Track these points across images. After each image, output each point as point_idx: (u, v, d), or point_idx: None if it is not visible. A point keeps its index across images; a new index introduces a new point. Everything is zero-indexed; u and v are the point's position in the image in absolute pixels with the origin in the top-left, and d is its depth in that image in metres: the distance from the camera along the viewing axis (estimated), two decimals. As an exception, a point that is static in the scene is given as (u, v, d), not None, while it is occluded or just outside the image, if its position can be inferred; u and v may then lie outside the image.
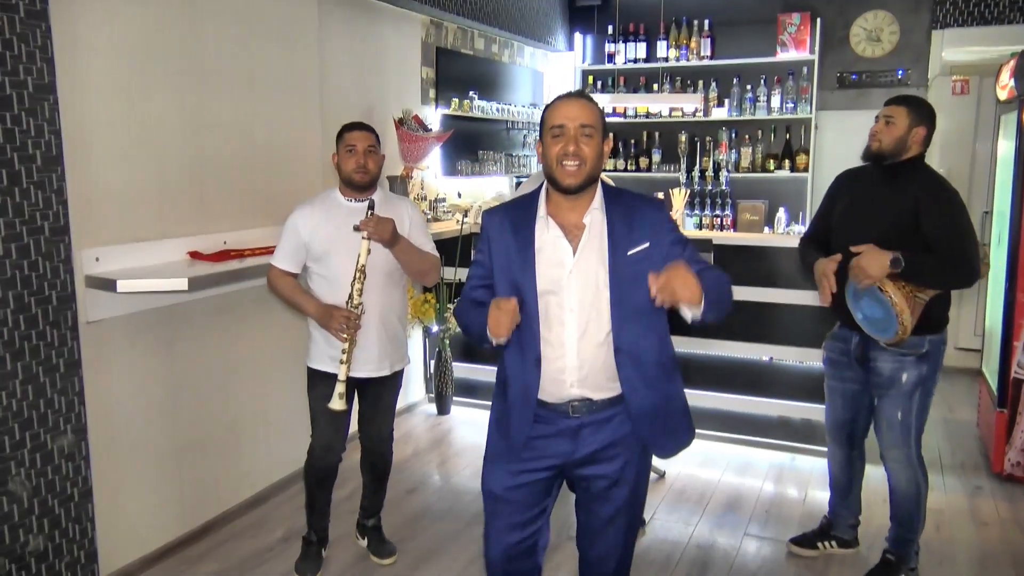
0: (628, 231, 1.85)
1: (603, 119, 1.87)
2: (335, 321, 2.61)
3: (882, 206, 2.64)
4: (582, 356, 1.85)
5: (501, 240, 1.90)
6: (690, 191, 5.50)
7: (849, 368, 2.84)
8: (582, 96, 1.86)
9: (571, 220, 1.86)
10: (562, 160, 1.79)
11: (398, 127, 4.25)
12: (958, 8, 5.24)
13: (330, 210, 2.74)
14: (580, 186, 1.81)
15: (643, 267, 1.80)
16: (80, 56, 2.60)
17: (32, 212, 2.38)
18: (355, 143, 2.70)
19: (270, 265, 2.77)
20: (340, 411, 2.65)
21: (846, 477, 3.00)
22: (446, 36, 4.97)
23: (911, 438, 2.72)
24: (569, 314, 1.84)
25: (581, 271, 1.84)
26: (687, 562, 3.04)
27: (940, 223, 2.52)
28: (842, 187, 2.84)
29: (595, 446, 1.92)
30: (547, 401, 1.90)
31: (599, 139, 1.83)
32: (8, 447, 2.37)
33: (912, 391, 2.69)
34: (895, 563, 2.82)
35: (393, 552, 3.06)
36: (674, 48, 5.92)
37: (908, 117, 2.62)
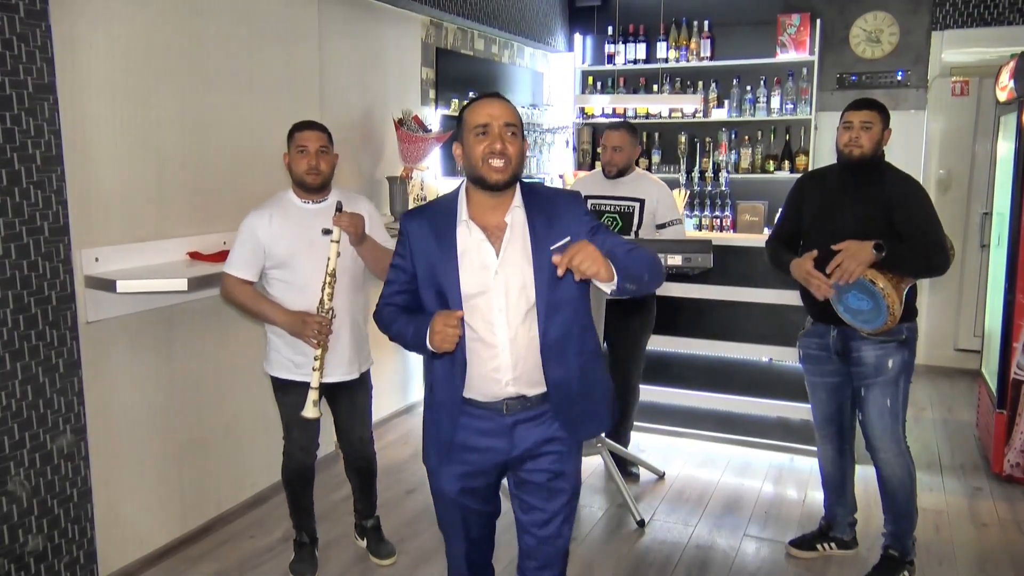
0: (548, 226, 1.87)
1: (522, 121, 1.90)
2: (309, 328, 2.56)
3: (855, 204, 2.71)
4: (516, 354, 1.86)
5: (422, 244, 1.89)
6: (690, 192, 5.50)
7: (828, 361, 2.88)
8: (501, 96, 1.89)
9: (492, 221, 1.87)
10: (488, 158, 1.80)
11: (398, 127, 4.25)
12: (958, 9, 5.25)
13: (288, 213, 2.66)
14: (507, 183, 1.83)
15: None
16: (80, 56, 2.60)
17: (32, 212, 2.38)
18: (306, 143, 2.64)
19: (223, 274, 2.65)
20: (313, 419, 2.63)
21: (839, 472, 3.01)
22: (446, 36, 4.97)
23: (899, 425, 2.78)
24: (499, 314, 1.84)
25: (506, 271, 1.84)
26: (686, 563, 3.04)
27: (914, 214, 2.63)
28: (807, 189, 2.91)
29: (531, 441, 1.93)
30: (480, 400, 1.91)
31: (521, 138, 1.86)
32: (7, 447, 2.37)
33: (898, 377, 2.74)
34: (898, 558, 2.83)
35: (392, 553, 3.06)
36: (674, 49, 5.92)
37: (881, 120, 2.71)
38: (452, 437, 1.94)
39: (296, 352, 2.68)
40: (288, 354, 2.71)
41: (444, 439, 1.95)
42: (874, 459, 2.83)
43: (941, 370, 5.62)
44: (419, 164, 4.44)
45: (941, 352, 5.71)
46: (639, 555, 3.09)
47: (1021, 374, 3.67)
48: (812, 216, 2.83)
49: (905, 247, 2.59)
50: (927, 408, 4.87)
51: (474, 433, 1.93)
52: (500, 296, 1.84)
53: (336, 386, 2.76)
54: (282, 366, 2.74)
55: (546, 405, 1.93)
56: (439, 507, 2.06)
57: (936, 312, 5.70)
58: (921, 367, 5.61)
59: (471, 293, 1.85)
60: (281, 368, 2.74)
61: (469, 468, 1.96)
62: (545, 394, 1.92)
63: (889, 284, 2.54)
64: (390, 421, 4.53)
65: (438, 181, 4.91)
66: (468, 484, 1.98)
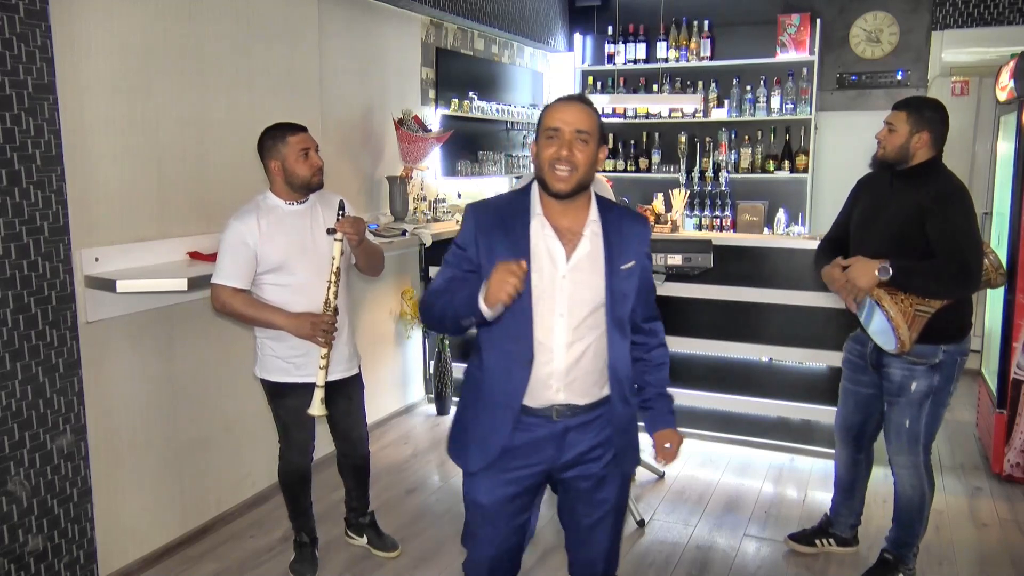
0: (620, 246, 1.86)
1: (601, 125, 1.84)
2: (316, 329, 2.55)
3: (890, 212, 2.61)
4: (570, 362, 1.83)
5: (491, 234, 1.82)
6: (690, 192, 5.50)
7: (865, 372, 2.82)
8: (582, 100, 1.83)
9: (563, 224, 1.83)
10: (554, 164, 1.76)
11: (398, 127, 4.25)
12: (958, 9, 5.25)
13: (276, 217, 2.63)
14: (570, 192, 1.78)
15: (628, 283, 1.87)
16: (80, 56, 2.60)
17: (31, 212, 2.38)
18: (307, 145, 2.63)
19: (214, 285, 2.57)
20: (321, 416, 2.64)
21: (850, 478, 3.00)
22: (446, 36, 4.97)
23: (918, 446, 2.70)
24: (559, 319, 1.81)
25: (575, 277, 1.82)
26: (687, 562, 3.04)
27: (942, 228, 2.47)
28: (859, 193, 2.82)
29: (581, 448, 1.90)
30: (529, 406, 1.86)
31: (594, 146, 1.80)
32: (7, 447, 2.37)
33: (921, 400, 2.65)
34: (892, 563, 2.82)
35: (396, 545, 3.07)
36: (674, 49, 5.92)
37: (908, 123, 2.57)
38: (508, 443, 1.86)
39: (296, 353, 2.67)
40: (287, 356, 2.69)
41: (496, 444, 1.86)
42: (891, 469, 2.80)
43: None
44: (419, 164, 4.44)
45: (941, 352, 5.70)
46: (639, 555, 3.09)
47: (1021, 374, 3.67)
48: (857, 219, 2.74)
49: (916, 266, 2.46)
50: (927, 408, 4.86)
51: (525, 441, 1.88)
52: (563, 300, 1.81)
53: (334, 384, 2.75)
54: (279, 369, 2.71)
55: (598, 411, 1.90)
56: (472, 515, 1.97)
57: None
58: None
59: (537, 290, 1.80)
60: (278, 372, 2.71)
61: (514, 476, 1.90)
62: (596, 402, 1.89)
63: (897, 308, 2.43)
64: (390, 421, 4.53)
65: (438, 181, 4.92)
66: (510, 492, 1.91)
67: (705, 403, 4.25)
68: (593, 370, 1.87)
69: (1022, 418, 3.68)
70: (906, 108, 2.60)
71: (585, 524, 1.98)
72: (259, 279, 2.64)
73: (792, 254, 3.98)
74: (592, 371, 1.87)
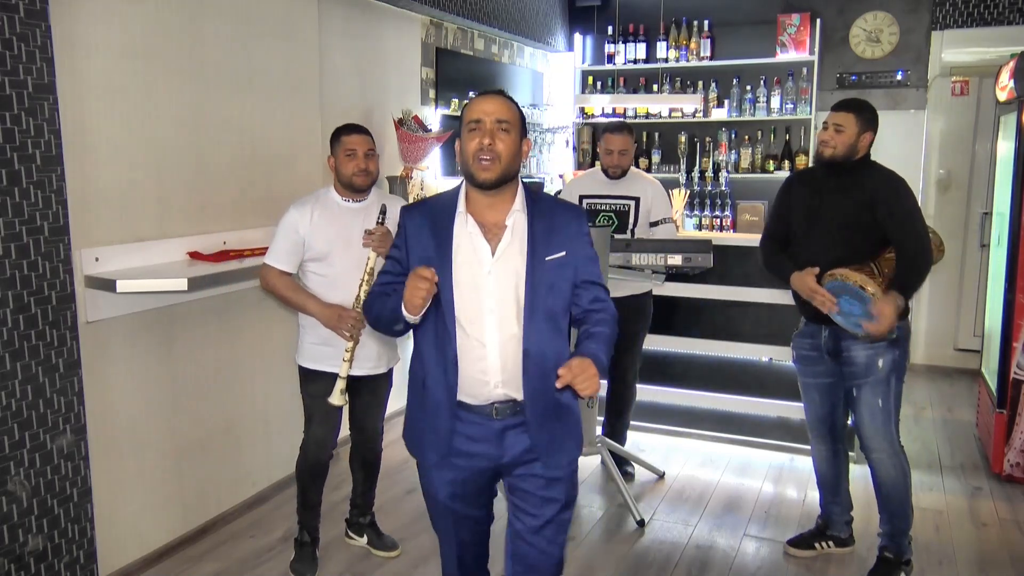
0: (548, 237, 1.85)
1: (522, 118, 1.87)
2: (344, 323, 2.65)
3: (835, 205, 2.74)
4: (504, 355, 1.83)
5: (419, 237, 1.87)
6: (689, 192, 5.50)
7: (820, 362, 2.89)
8: (501, 93, 1.87)
9: (489, 219, 1.85)
10: (478, 155, 1.78)
11: (398, 127, 4.25)
12: (957, 9, 5.25)
13: (329, 210, 2.76)
14: (495, 181, 1.80)
15: (557, 274, 1.85)
16: (80, 56, 2.60)
17: (31, 212, 2.38)
18: (355, 147, 2.73)
19: (265, 264, 2.76)
20: (339, 406, 2.71)
21: (833, 472, 3.03)
22: (446, 36, 4.97)
23: (891, 425, 2.78)
24: (489, 314, 1.82)
25: (500, 271, 1.83)
26: (686, 562, 3.04)
27: (895, 213, 2.66)
28: (795, 188, 2.92)
29: (520, 448, 1.90)
30: (469, 403, 1.88)
31: (516, 136, 1.82)
32: (7, 447, 2.37)
33: (888, 376, 2.75)
34: (894, 560, 2.83)
35: (396, 545, 3.08)
36: (674, 49, 5.92)
37: (856, 124, 2.72)
38: (451, 439, 1.90)
39: (325, 343, 2.75)
40: (318, 344, 2.78)
41: (443, 440, 1.91)
42: (868, 459, 2.83)
43: (941, 370, 5.62)
44: (419, 164, 4.44)
45: (941, 352, 5.72)
46: (639, 555, 3.09)
47: (1021, 374, 3.68)
48: (800, 216, 2.85)
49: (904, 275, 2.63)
50: (927, 408, 4.87)
51: (464, 438, 1.90)
52: (491, 295, 1.82)
53: (360, 379, 2.83)
54: (311, 356, 2.81)
55: None
56: (430, 507, 2.04)
57: (936, 312, 5.70)
58: (921, 367, 5.62)
59: (462, 288, 1.83)
60: (310, 358, 2.81)
61: (459, 475, 1.93)
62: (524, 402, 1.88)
63: (880, 289, 2.57)
64: (390, 421, 4.50)
65: (438, 181, 4.91)
66: (458, 490, 1.94)
67: (705, 403, 4.25)
68: None
69: (1022, 418, 3.68)
70: (853, 110, 2.74)
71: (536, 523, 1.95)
72: (304, 266, 2.77)
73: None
74: None
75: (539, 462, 1.91)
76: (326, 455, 2.90)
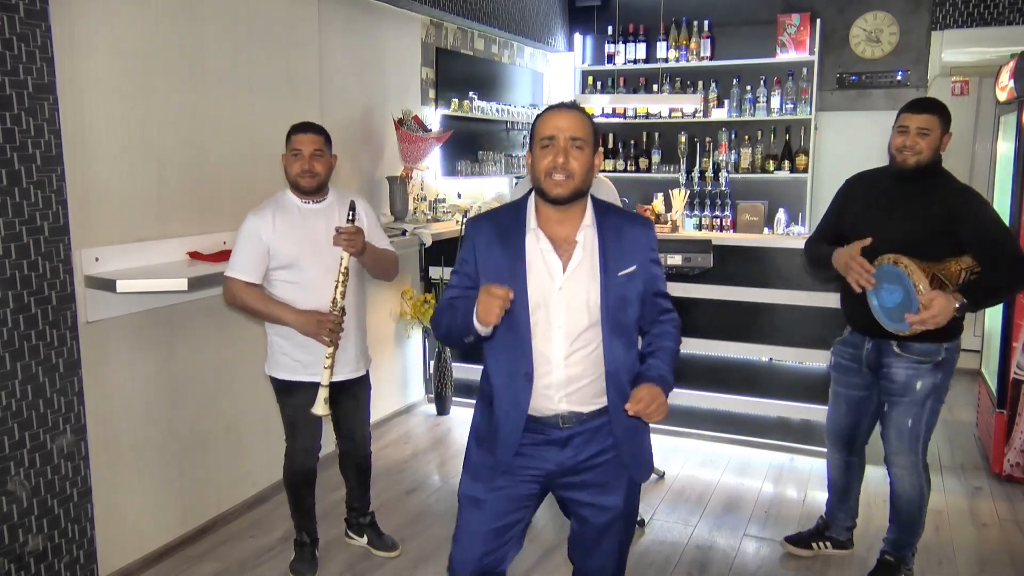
0: (619, 251, 1.84)
1: (595, 131, 1.84)
2: (324, 327, 2.57)
3: (909, 213, 2.56)
4: (570, 372, 1.83)
5: (488, 250, 1.85)
6: (690, 192, 5.50)
7: (858, 374, 2.80)
8: (575, 107, 1.83)
9: (560, 234, 1.84)
10: (551, 172, 1.77)
11: (398, 127, 4.25)
12: (958, 9, 5.25)
13: (290, 214, 2.67)
14: (568, 198, 1.79)
15: (629, 288, 1.84)
16: (80, 56, 2.60)
17: (32, 212, 2.38)
18: (300, 147, 2.64)
19: (227, 278, 2.63)
20: (324, 416, 2.65)
21: (844, 481, 3.00)
22: (446, 36, 4.97)
23: (919, 445, 2.69)
24: (557, 330, 1.82)
25: (571, 288, 1.82)
26: (686, 562, 3.04)
27: (984, 230, 2.47)
28: (854, 192, 2.77)
29: (585, 454, 1.90)
30: (534, 415, 1.88)
31: (590, 151, 1.80)
32: (7, 447, 2.37)
33: (925, 399, 2.64)
34: (894, 564, 2.82)
35: (396, 545, 3.08)
36: (674, 49, 5.92)
37: (940, 125, 2.54)
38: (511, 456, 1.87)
39: (304, 352, 2.68)
40: (295, 354, 2.70)
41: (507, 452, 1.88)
42: (888, 469, 2.79)
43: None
44: (419, 164, 4.44)
45: (941, 352, 5.70)
46: (639, 555, 3.09)
47: (1021, 374, 3.67)
48: (854, 222, 2.68)
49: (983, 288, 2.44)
50: (927, 408, 4.86)
51: (530, 444, 1.89)
52: (560, 311, 1.81)
53: (341, 384, 2.77)
54: (287, 367, 2.73)
55: (603, 418, 1.89)
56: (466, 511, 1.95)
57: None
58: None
59: (535, 303, 1.82)
60: (286, 370, 2.73)
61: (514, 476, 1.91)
62: (601, 409, 1.88)
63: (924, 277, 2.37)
64: (390, 421, 4.53)
65: (438, 181, 4.92)
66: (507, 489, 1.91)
67: (705, 403, 4.25)
68: (595, 379, 1.86)
69: (1022, 418, 3.68)
70: (937, 111, 2.56)
71: (592, 531, 1.96)
72: (271, 275, 2.67)
73: (792, 254, 3.98)
74: (594, 380, 1.86)
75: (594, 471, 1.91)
76: (313, 461, 2.88)
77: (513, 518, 1.94)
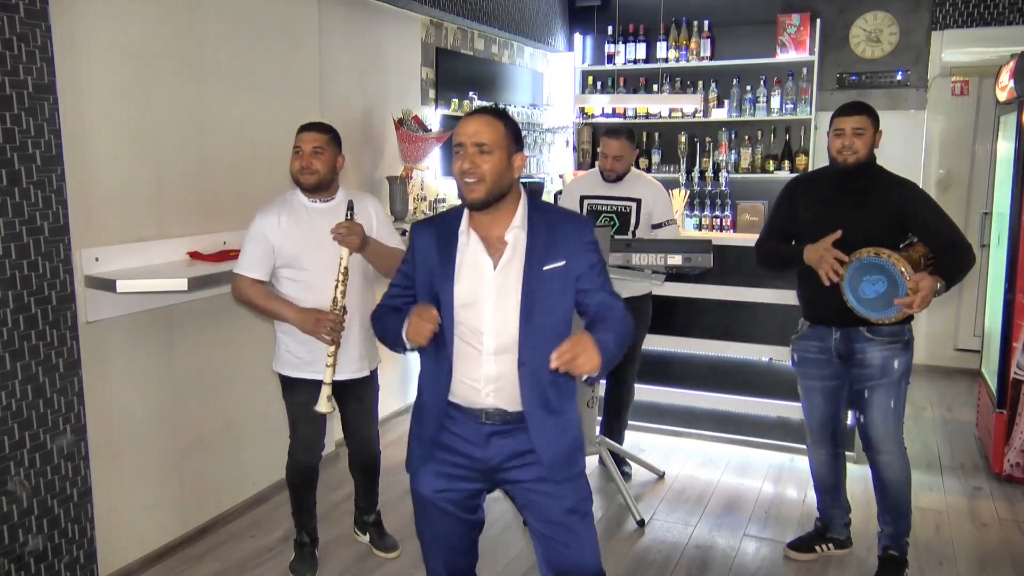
0: (547, 247, 1.86)
1: (509, 134, 1.85)
2: (323, 325, 2.60)
3: (859, 211, 2.69)
4: (498, 368, 1.87)
5: (425, 252, 1.92)
6: (689, 192, 5.50)
7: (828, 364, 2.85)
8: (486, 112, 1.87)
9: (493, 234, 1.88)
10: (463, 177, 1.82)
11: (398, 127, 4.25)
12: (957, 9, 5.25)
13: (296, 213, 2.69)
14: (483, 201, 1.82)
15: (556, 284, 1.86)
16: (80, 56, 2.60)
17: (32, 212, 2.38)
18: (300, 144, 2.67)
19: (236, 275, 2.68)
20: (326, 413, 2.67)
21: (834, 476, 3.01)
22: (446, 36, 4.97)
23: (900, 425, 2.79)
24: (487, 326, 1.86)
25: (499, 285, 1.85)
26: (686, 562, 3.04)
27: (930, 220, 2.66)
28: (799, 193, 2.86)
29: (506, 453, 1.91)
30: (460, 404, 1.92)
31: (501, 155, 1.82)
32: (7, 447, 2.37)
33: (901, 378, 2.75)
34: (899, 558, 2.84)
35: (396, 546, 3.08)
36: (674, 49, 5.92)
37: (872, 124, 2.69)
38: (435, 437, 1.94)
39: (306, 349, 2.71)
40: (298, 352, 2.73)
41: (427, 439, 1.95)
42: (874, 460, 2.82)
43: (941, 370, 5.62)
44: (419, 164, 4.44)
45: (941, 352, 5.71)
46: (639, 555, 3.09)
47: (1021, 374, 3.68)
48: (811, 224, 2.77)
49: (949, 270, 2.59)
50: (927, 408, 4.87)
51: (453, 436, 1.93)
52: (490, 309, 1.85)
53: (345, 384, 2.78)
54: (290, 364, 2.76)
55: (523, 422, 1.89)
56: (418, 512, 2.03)
57: (936, 312, 5.69)
58: (921, 367, 5.62)
59: (464, 302, 1.86)
60: (289, 366, 2.77)
61: (446, 469, 1.95)
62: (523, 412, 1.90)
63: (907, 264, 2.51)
64: (390, 421, 4.53)
65: (438, 181, 4.92)
66: (446, 485, 1.95)
67: (705, 403, 4.25)
68: None
69: (1022, 418, 3.68)
70: (867, 111, 2.71)
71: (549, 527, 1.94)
72: (277, 272, 2.71)
73: (792, 254, 3.97)
74: None
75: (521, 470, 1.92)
76: (315, 458, 2.88)
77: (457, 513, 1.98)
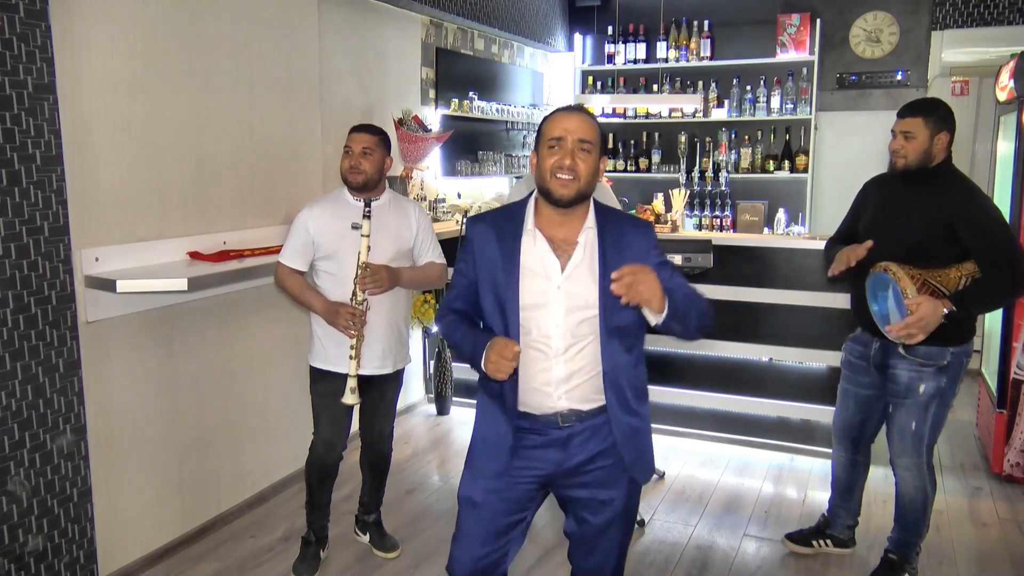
0: (618, 253, 1.85)
1: (601, 136, 1.86)
2: (341, 318, 2.68)
3: (912, 215, 2.57)
4: (569, 369, 1.85)
5: (486, 250, 1.88)
6: (690, 192, 5.51)
7: (866, 373, 2.81)
8: (583, 110, 1.86)
9: (559, 235, 1.86)
10: (556, 172, 1.78)
11: (398, 127, 4.25)
12: (958, 9, 5.25)
13: (339, 209, 2.79)
14: (572, 200, 1.80)
15: None
16: (80, 56, 2.60)
17: (32, 212, 2.38)
18: (351, 144, 2.76)
19: (278, 262, 2.81)
20: (351, 405, 2.73)
21: (848, 479, 3.00)
22: (446, 36, 4.97)
23: (923, 447, 2.69)
24: (555, 328, 1.83)
25: (569, 287, 1.83)
26: (686, 562, 3.04)
27: (980, 236, 2.46)
28: (868, 194, 2.80)
29: (586, 454, 1.90)
30: (533, 413, 1.89)
31: (596, 155, 1.82)
32: (7, 447, 2.37)
33: (928, 402, 2.64)
34: (898, 563, 2.82)
35: (396, 546, 3.09)
36: (674, 49, 5.92)
37: (926, 127, 2.53)
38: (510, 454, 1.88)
39: (334, 344, 2.78)
40: (326, 343, 2.81)
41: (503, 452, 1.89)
42: (893, 470, 2.79)
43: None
44: (419, 164, 4.45)
45: (941, 352, 5.70)
46: (639, 555, 3.09)
47: (1021, 374, 3.68)
48: (867, 222, 2.71)
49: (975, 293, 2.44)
50: (927, 408, 4.86)
51: (530, 445, 1.90)
52: (559, 311, 1.83)
53: (369, 379, 2.83)
54: (319, 356, 2.84)
55: (602, 417, 1.89)
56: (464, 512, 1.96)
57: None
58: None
59: (530, 303, 1.83)
60: (318, 358, 2.85)
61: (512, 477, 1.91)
62: (601, 407, 1.89)
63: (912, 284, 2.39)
64: (390, 421, 4.53)
65: (438, 181, 4.92)
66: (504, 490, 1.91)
67: (705, 403, 4.25)
68: (593, 376, 1.87)
69: (1022, 418, 3.68)
70: (921, 112, 2.55)
71: (591, 531, 1.96)
72: (316, 264, 2.81)
73: (792, 254, 3.98)
74: (592, 377, 1.87)
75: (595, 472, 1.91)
76: (334, 456, 2.90)
77: (512, 519, 1.94)
